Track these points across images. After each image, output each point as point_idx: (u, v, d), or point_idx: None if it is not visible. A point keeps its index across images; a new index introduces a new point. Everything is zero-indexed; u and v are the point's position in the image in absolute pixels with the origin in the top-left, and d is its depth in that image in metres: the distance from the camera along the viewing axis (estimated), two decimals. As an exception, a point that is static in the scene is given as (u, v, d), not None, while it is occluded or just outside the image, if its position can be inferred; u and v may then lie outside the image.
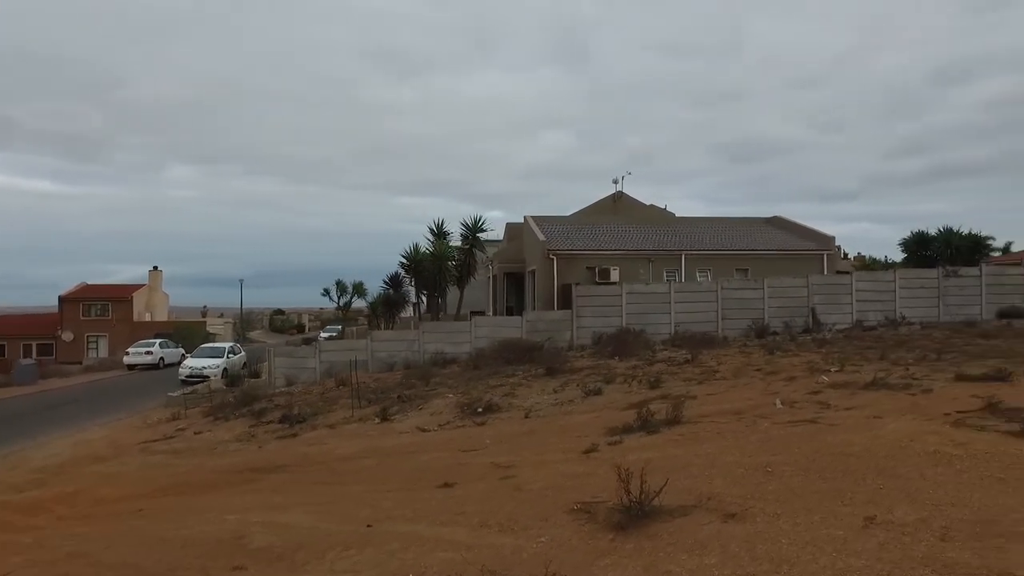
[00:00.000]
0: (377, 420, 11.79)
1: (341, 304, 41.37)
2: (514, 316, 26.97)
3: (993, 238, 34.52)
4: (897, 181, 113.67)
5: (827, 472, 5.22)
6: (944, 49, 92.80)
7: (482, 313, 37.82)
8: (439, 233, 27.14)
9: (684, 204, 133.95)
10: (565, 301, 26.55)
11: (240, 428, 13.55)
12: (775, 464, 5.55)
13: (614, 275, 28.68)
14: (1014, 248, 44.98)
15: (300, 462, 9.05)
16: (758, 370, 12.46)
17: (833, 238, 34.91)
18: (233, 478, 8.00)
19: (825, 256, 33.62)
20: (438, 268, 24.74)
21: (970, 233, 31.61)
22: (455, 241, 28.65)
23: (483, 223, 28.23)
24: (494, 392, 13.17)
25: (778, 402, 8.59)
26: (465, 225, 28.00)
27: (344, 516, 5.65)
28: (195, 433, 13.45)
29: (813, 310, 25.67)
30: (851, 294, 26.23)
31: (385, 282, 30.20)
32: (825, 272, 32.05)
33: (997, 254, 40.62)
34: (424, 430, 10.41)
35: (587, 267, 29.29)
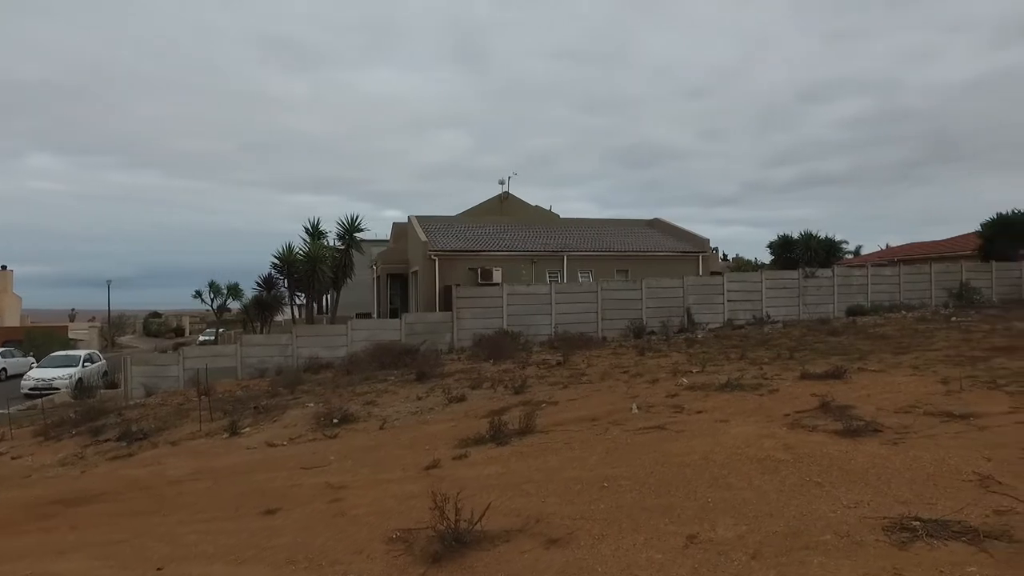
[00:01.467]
0: (226, 435, 10.85)
1: (215, 307, 38.85)
2: (394, 319, 26.19)
3: (846, 242, 37.41)
4: (771, 188, 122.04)
5: (663, 485, 5.07)
6: (811, 71, 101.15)
7: (369, 315, 36.70)
8: (314, 232, 25.91)
9: (579, 206, 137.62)
10: (447, 303, 26.11)
11: (70, 449, 12.11)
12: (614, 478, 5.35)
13: (496, 276, 28.54)
14: (863, 252, 49.06)
15: (123, 488, 8.06)
16: (625, 372, 12.55)
17: (708, 240, 36.52)
18: (28, 514, 6.95)
19: (700, 258, 35.07)
20: (312, 269, 23.58)
21: (827, 237, 33.97)
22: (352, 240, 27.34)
23: (360, 222, 27.26)
24: (358, 400, 12.51)
25: (635, 407, 8.54)
26: (342, 224, 26.93)
27: (135, 558, 4.92)
28: (12, 458, 11.88)
29: (688, 310, 26.60)
30: (723, 294, 27.39)
31: (258, 283, 28.51)
32: (700, 273, 33.40)
33: (849, 256, 44.06)
34: (273, 445, 9.63)
35: (470, 268, 29.00)
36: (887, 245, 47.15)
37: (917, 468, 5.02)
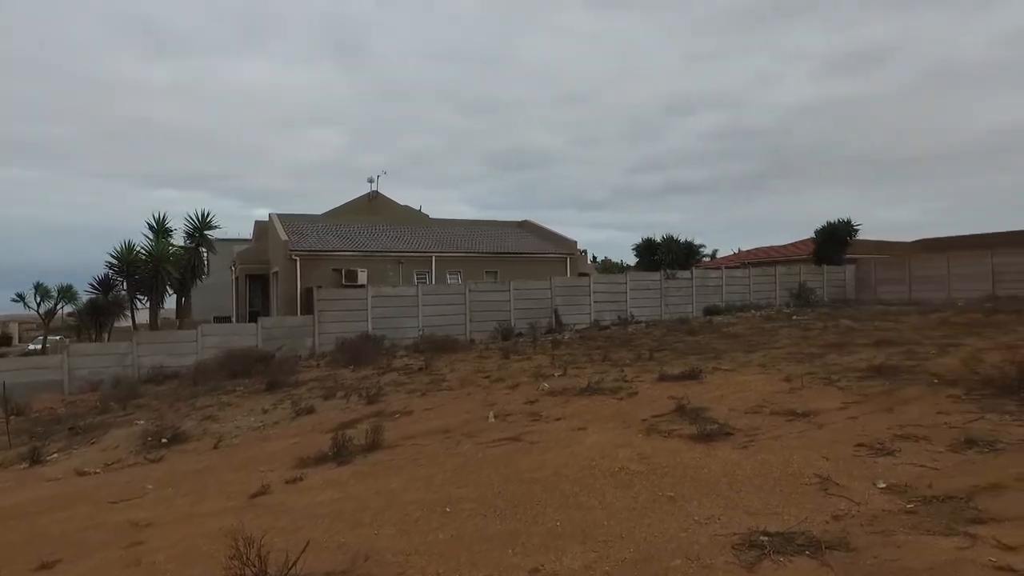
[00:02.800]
0: (24, 464, 9.31)
1: (41, 311, 34.54)
2: (251, 323, 24.41)
3: (704, 246, 39.46)
4: (638, 194, 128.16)
5: (511, 507, 4.65)
6: (674, 86, 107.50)
7: (228, 319, 34.17)
8: (159, 229, 23.56)
9: (456, 208, 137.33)
10: (308, 305, 24.70)
11: None
12: (458, 500, 4.88)
13: (362, 277, 27.44)
14: (719, 255, 52.30)
15: None
16: (487, 377, 12.20)
17: (576, 242, 37.25)
18: None
19: (569, 259, 35.68)
20: (155, 269, 21.38)
21: (687, 241, 35.65)
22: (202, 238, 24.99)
23: (211, 219, 25.16)
24: (197, 414, 11.27)
25: (491, 416, 8.15)
26: (191, 220, 24.72)
27: None
28: None
29: (556, 311, 26.82)
30: (590, 295, 27.85)
31: (93, 286, 25.50)
32: (568, 275, 33.95)
33: (707, 259, 46.73)
34: (83, 473, 8.33)
35: (333, 269, 27.70)
36: (739, 249, 50.50)
37: (765, 473, 4.95)
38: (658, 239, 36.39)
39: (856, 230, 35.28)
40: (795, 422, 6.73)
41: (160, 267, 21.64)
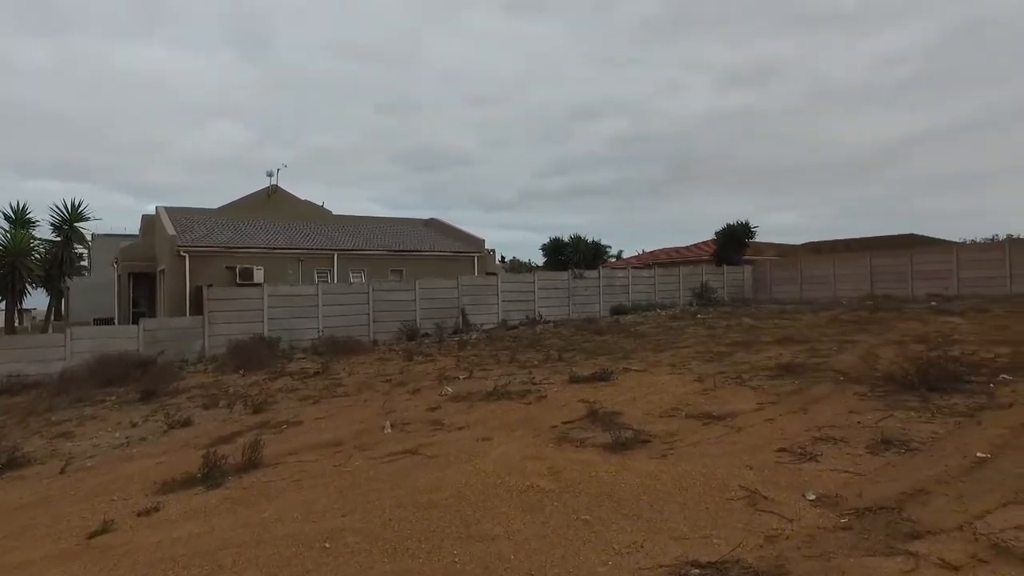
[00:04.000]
0: None
1: None
2: (133, 325, 22.32)
3: (610, 246, 39.90)
4: (547, 196, 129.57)
5: (402, 539, 3.97)
6: (582, 91, 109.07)
7: (111, 321, 31.34)
8: (18, 220, 21.03)
9: (366, 207, 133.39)
10: (199, 306, 22.88)
11: None
12: (341, 533, 4.14)
13: (258, 276, 25.81)
14: (625, 255, 53.30)
15: None
16: (388, 380, 11.39)
17: (483, 241, 36.73)
18: None
19: (476, 258, 35.11)
20: (11, 266, 19.01)
21: (594, 241, 35.85)
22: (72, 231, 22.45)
23: (83, 208, 22.75)
24: (49, 431, 9.83)
25: (388, 425, 7.41)
26: (58, 211, 22.25)
27: None
28: None
29: (463, 311, 26.16)
30: (497, 295, 27.35)
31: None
32: (476, 274, 33.39)
33: (613, 259, 47.44)
34: None
35: (227, 267, 25.91)
36: (644, 250, 51.54)
37: (688, 488, 4.51)
38: (566, 239, 36.46)
39: (754, 232, 36.67)
40: (712, 426, 6.40)
41: (17, 263, 19.28)
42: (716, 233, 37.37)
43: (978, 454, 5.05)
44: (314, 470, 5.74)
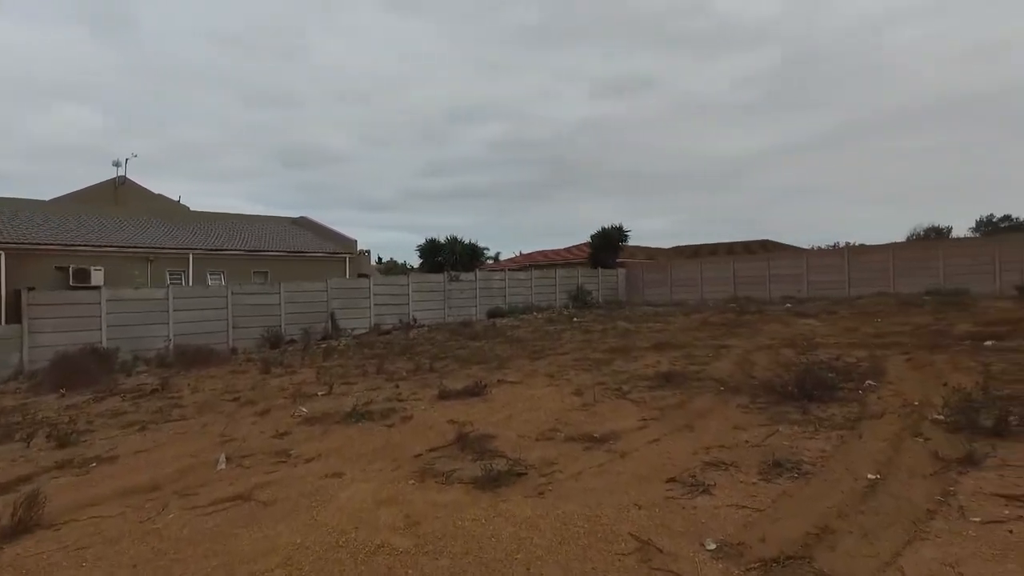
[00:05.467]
0: None
1: None
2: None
3: (488, 248, 39.53)
4: (426, 196, 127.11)
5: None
6: (463, 93, 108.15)
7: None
8: None
9: (235, 204, 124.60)
10: (18, 311, 19.88)
11: None
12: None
13: (96, 277, 22.99)
14: (501, 257, 53.23)
15: None
16: (236, 399, 10.02)
17: (356, 241, 35.10)
18: None
19: (348, 259, 33.48)
20: None
21: (470, 243, 35.24)
22: None
23: None
24: None
25: (222, 459, 6.22)
26: None
27: None
28: None
29: (332, 315, 24.63)
30: (370, 298, 26.04)
31: None
32: (348, 276, 31.82)
33: (490, 261, 47.14)
34: None
35: (58, 267, 22.91)
36: (521, 252, 51.68)
37: (570, 540, 3.80)
38: (442, 240, 35.60)
39: (627, 235, 37.59)
40: (594, 451, 5.79)
41: None
42: (591, 236, 37.96)
43: (868, 475, 4.75)
44: (111, 531, 4.52)
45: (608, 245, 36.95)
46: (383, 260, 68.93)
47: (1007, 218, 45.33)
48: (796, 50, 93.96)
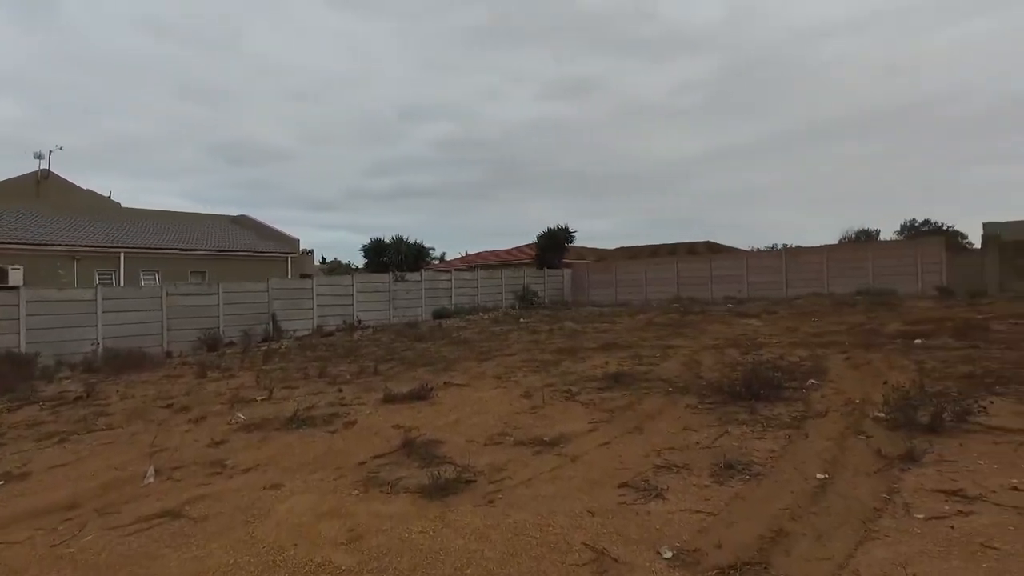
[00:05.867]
0: None
1: None
2: None
3: (433, 248, 39.07)
4: (372, 196, 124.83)
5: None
6: (410, 92, 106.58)
7: None
8: None
9: (173, 202, 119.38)
10: (-74, 314, 18.55)
11: None
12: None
13: (15, 277, 21.67)
14: (448, 258, 52.87)
15: None
16: (169, 405, 9.49)
17: (298, 240, 34.28)
18: None
19: (290, 259, 32.66)
20: None
21: (416, 243, 34.79)
22: None
23: None
24: None
25: (151, 472, 5.83)
26: None
27: None
28: None
29: (274, 316, 23.92)
30: (313, 299, 25.41)
31: None
32: (290, 276, 31.03)
33: (436, 262, 46.74)
34: None
35: (-28, 266, 21.48)
36: (467, 252, 51.42)
37: (522, 549, 3.66)
38: (388, 240, 35.03)
39: (573, 236, 37.81)
40: (544, 455, 5.67)
41: None
42: (538, 236, 38.04)
43: (817, 475, 4.78)
44: (16, 560, 4.12)
45: (554, 245, 37.10)
46: (327, 260, 67.59)
47: (927, 222, 47.53)
48: (735, 58, 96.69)
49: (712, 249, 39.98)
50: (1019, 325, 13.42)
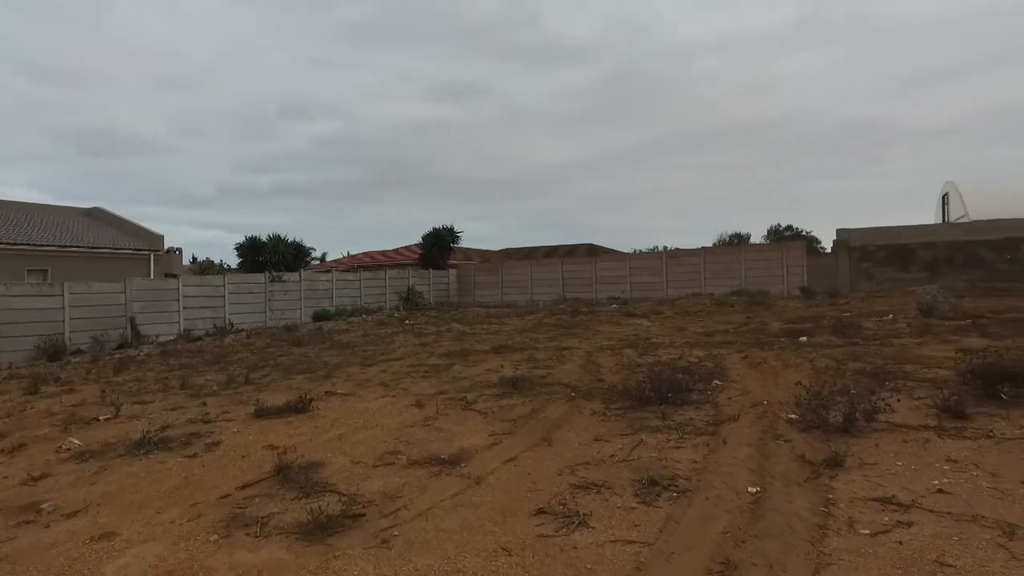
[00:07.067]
0: None
1: None
2: None
3: (314, 248, 37.03)
4: (249, 194, 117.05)
5: None
6: (291, 88, 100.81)
7: None
8: None
9: (16, 193, 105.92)
10: None
11: None
12: None
13: None
14: (328, 258, 50.66)
15: None
16: (-15, 429, 7.88)
17: (163, 237, 31.36)
18: None
19: (153, 257, 29.80)
20: None
21: (295, 241, 32.77)
22: None
23: None
24: None
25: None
26: None
27: None
28: None
29: (133, 320, 21.51)
30: (179, 301, 23.13)
31: None
32: (153, 275, 28.26)
33: (316, 262, 44.54)
34: None
35: None
36: (349, 252, 49.45)
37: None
38: (264, 239, 32.74)
39: (459, 236, 37.16)
40: (444, 476, 4.94)
41: None
42: (423, 237, 37.09)
43: (749, 489, 4.38)
44: None
45: (439, 246, 36.31)
46: (198, 260, 62.87)
47: (789, 227, 51.23)
48: (611, 70, 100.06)
49: (592, 252, 40.65)
50: (883, 322, 14.21)
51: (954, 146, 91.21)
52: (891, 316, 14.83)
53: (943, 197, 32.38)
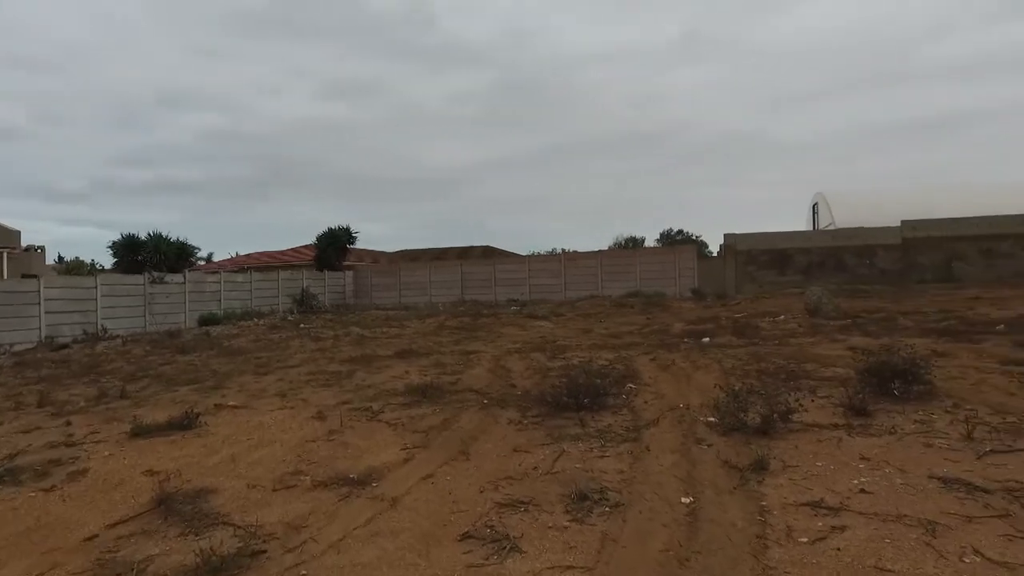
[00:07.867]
0: None
1: None
2: None
3: (199, 248, 34.65)
4: (125, 189, 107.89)
5: None
6: (171, 77, 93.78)
7: None
8: None
9: None
10: None
11: None
12: None
13: None
14: (216, 258, 47.81)
15: None
16: None
17: (19, 233, 28.38)
18: None
19: (6, 255, 26.87)
20: None
21: (178, 240, 30.45)
22: None
23: None
24: None
25: None
26: None
27: None
28: None
29: (-21, 327, 19.16)
30: (40, 304, 20.85)
31: None
32: (6, 276, 25.46)
33: (202, 263, 41.86)
34: None
35: None
36: (238, 253, 46.84)
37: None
38: (144, 237, 30.18)
39: (355, 237, 35.99)
40: (355, 499, 4.45)
41: None
42: (317, 237, 35.65)
43: (682, 499, 4.20)
44: None
45: (335, 247, 35.00)
46: (65, 259, 57.46)
47: (680, 232, 53.54)
48: (507, 75, 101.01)
49: (488, 254, 40.63)
50: (776, 322, 14.84)
51: (825, 159, 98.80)
52: (782, 316, 15.51)
53: (813, 206, 34.66)
